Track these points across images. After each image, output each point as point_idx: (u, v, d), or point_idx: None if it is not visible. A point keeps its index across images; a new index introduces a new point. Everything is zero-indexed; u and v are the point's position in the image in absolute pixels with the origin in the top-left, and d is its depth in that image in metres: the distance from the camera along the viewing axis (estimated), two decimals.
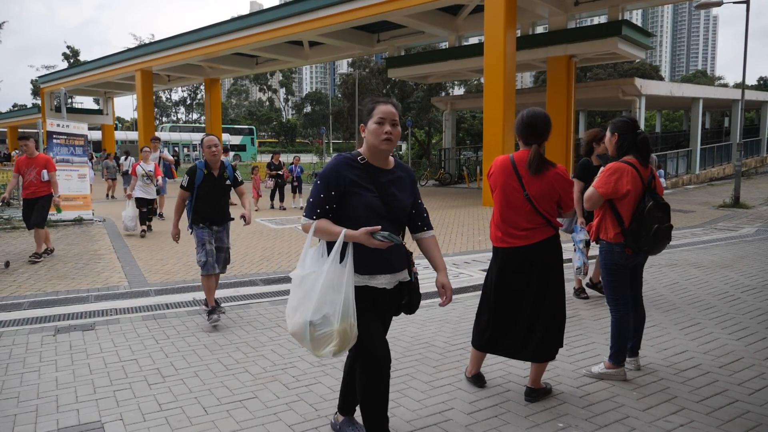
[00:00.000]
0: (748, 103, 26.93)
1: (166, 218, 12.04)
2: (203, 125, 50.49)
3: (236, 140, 49.41)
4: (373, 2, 17.21)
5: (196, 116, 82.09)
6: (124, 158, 15.93)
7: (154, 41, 30.17)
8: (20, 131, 37.14)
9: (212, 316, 4.77)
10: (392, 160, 2.66)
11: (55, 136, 11.06)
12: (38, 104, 47.63)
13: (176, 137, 49.74)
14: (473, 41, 23.95)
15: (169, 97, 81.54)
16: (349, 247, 2.46)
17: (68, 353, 4.15)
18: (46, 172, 7.65)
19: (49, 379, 3.70)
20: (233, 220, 5.20)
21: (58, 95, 30.82)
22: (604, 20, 19.68)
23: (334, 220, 2.53)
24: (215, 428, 3.02)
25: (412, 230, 2.77)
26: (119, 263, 7.46)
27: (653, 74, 43.77)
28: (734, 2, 14.23)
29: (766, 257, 7.81)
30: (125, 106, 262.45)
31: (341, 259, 2.44)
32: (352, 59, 43.21)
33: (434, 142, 41.89)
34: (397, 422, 3.04)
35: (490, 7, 14.40)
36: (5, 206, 10.19)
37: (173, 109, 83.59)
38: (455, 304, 5.45)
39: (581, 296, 5.66)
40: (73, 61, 63.96)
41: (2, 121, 47.02)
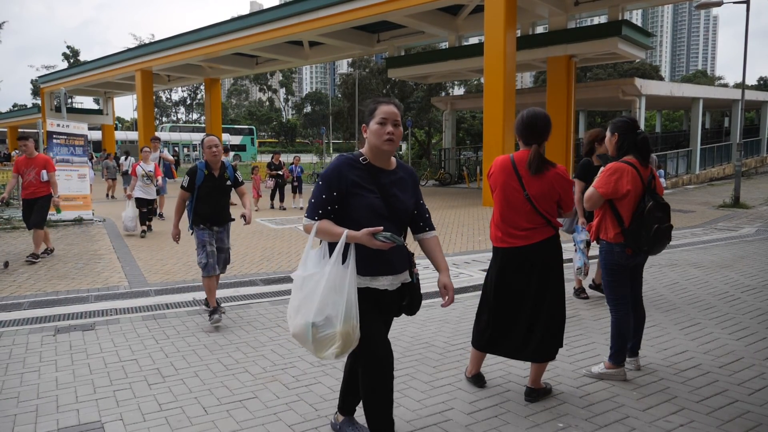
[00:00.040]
0: (748, 103, 26.94)
1: (166, 218, 12.03)
2: (203, 125, 50.48)
3: (236, 140, 49.41)
4: (373, 2, 17.21)
5: (196, 116, 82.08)
6: (124, 158, 15.94)
7: (154, 41, 30.18)
8: (20, 131, 37.17)
9: (214, 316, 4.78)
10: (394, 160, 2.65)
11: (55, 136, 11.06)
12: (38, 104, 47.59)
13: (176, 137, 49.72)
14: (473, 41, 23.95)
15: (169, 97, 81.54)
16: (351, 248, 2.44)
17: (68, 353, 4.15)
18: (45, 172, 7.65)
19: (49, 379, 3.70)
20: (234, 220, 5.20)
21: (58, 95, 30.80)
22: (604, 20, 19.67)
23: (335, 220, 2.52)
24: (215, 428, 3.02)
25: (414, 231, 2.75)
26: (119, 263, 7.46)
27: (653, 74, 43.77)
28: (734, 2, 14.24)
29: (766, 257, 7.82)
30: (125, 106, 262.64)
31: (343, 260, 2.43)
32: (352, 59, 43.29)
33: (434, 142, 41.92)
34: (397, 422, 3.03)
35: (490, 7, 14.41)
36: (5, 206, 10.20)
37: (173, 109, 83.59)
38: (455, 304, 5.44)
39: (581, 296, 5.66)
40: (73, 61, 63.96)
41: (2, 121, 47.01)
